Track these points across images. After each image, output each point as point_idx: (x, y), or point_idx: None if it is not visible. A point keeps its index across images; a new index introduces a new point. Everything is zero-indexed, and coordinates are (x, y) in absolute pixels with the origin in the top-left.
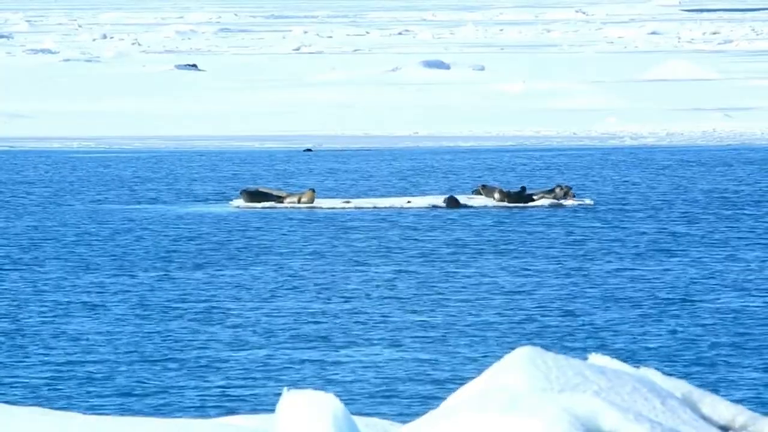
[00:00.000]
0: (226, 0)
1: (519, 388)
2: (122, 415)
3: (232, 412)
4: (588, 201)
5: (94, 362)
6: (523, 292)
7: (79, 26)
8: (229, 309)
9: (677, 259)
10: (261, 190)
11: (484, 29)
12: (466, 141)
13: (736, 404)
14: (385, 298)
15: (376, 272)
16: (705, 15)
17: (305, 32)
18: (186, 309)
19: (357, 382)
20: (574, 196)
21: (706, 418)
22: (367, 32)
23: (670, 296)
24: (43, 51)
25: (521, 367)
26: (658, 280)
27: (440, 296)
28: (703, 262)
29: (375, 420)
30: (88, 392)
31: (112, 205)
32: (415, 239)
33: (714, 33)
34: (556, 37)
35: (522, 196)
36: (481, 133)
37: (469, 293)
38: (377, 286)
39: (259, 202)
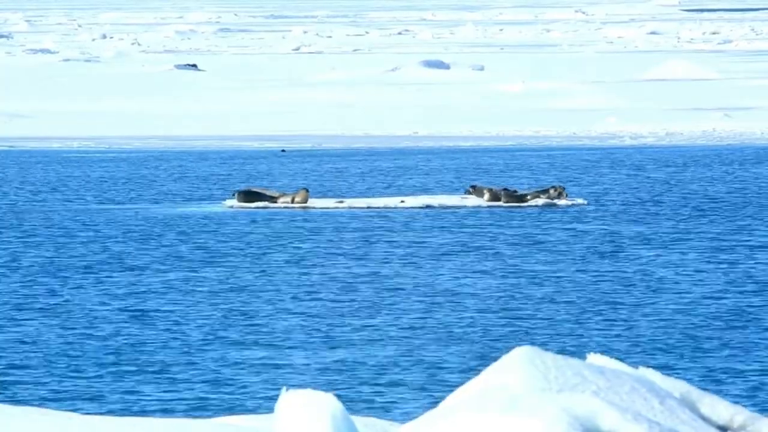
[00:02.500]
0: (226, 0)
1: (518, 388)
2: (122, 415)
3: (231, 412)
4: (581, 201)
5: (93, 362)
6: (522, 291)
7: (79, 26)
8: (227, 309)
9: (673, 258)
10: (254, 190)
11: (484, 29)
12: (466, 141)
13: (735, 404)
14: (384, 297)
15: (374, 272)
16: (705, 15)
17: (305, 32)
18: (184, 309)
19: (356, 382)
20: (566, 196)
21: (704, 418)
22: (367, 32)
23: (668, 296)
24: (42, 51)
25: (520, 367)
26: (655, 280)
27: (439, 296)
28: (698, 262)
29: (374, 420)
30: (87, 392)
31: (102, 206)
32: (412, 239)
33: (714, 33)
34: (556, 37)
35: (513, 196)
36: (481, 133)
37: (468, 293)
38: (375, 285)
39: (253, 202)
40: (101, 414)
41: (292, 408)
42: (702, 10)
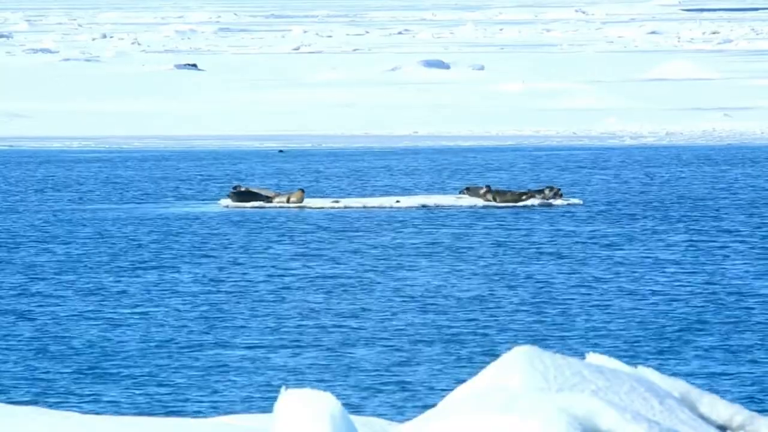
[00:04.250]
0: (226, 0)
1: (516, 387)
2: (121, 414)
3: (231, 412)
4: (577, 201)
5: (92, 362)
6: (520, 291)
7: (79, 26)
8: (226, 309)
9: (668, 258)
10: (250, 189)
11: (484, 29)
12: (466, 141)
13: (734, 404)
14: (383, 297)
15: (373, 272)
16: (705, 15)
17: (305, 32)
18: (183, 309)
19: (355, 382)
20: (561, 196)
21: (704, 418)
22: (367, 32)
23: (664, 295)
24: (42, 51)
25: (519, 367)
26: (650, 280)
27: (437, 296)
28: (691, 262)
29: (373, 419)
30: (86, 392)
31: (99, 205)
32: (408, 239)
33: (714, 33)
34: (556, 36)
35: (508, 196)
36: (481, 133)
37: (466, 293)
38: (374, 285)
39: (248, 201)
40: (100, 414)
41: (291, 408)
42: (702, 10)
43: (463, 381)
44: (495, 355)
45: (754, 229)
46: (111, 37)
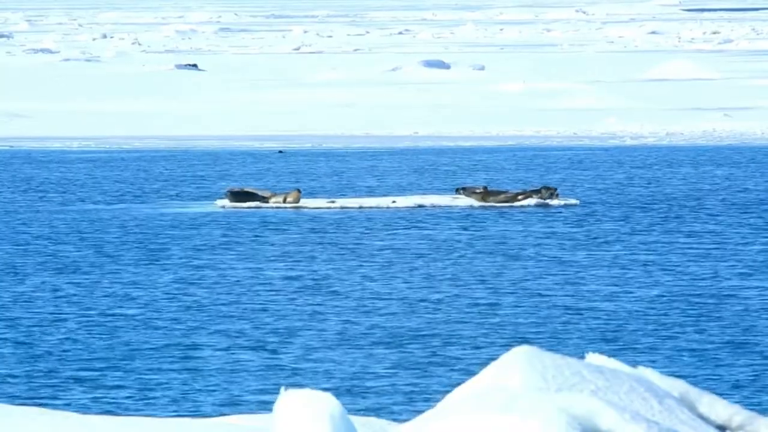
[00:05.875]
0: (227, 0)
1: (516, 387)
2: (121, 414)
3: (231, 412)
4: (573, 201)
5: (91, 362)
6: (520, 291)
7: (80, 26)
8: (225, 309)
9: (666, 258)
10: (246, 190)
11: (484, 29)
12: (467, 141)
13: (734, 404)
14: (382, 297)
15: (372, 272)
16: (705, 15)
17: (305, 32)
18: (182, 309)
19: (354, 382)
20: (558, 196)
21: (703, 418)
22: (367, 32)
23: (663, 295)
24: (43, 51)
25: (518, 367)
26: (650, 280)
27: (436, 296)
28: (690, 261)
29: (372, 419)
30: (85, 392)
31: (96, 206)
32: (405, 239)
33: (714, 33)
34: (556, 36)
35: (505, 196)
36: (481, 133)
37: (465, 293)
38: (373, 285)
39: (244, 202)
40: (99, 414)
41: (291, 408)
42: (702, 10)
43: (462, 381)
44: (494, 356)
45: (754, 229)
46: (111, 37)
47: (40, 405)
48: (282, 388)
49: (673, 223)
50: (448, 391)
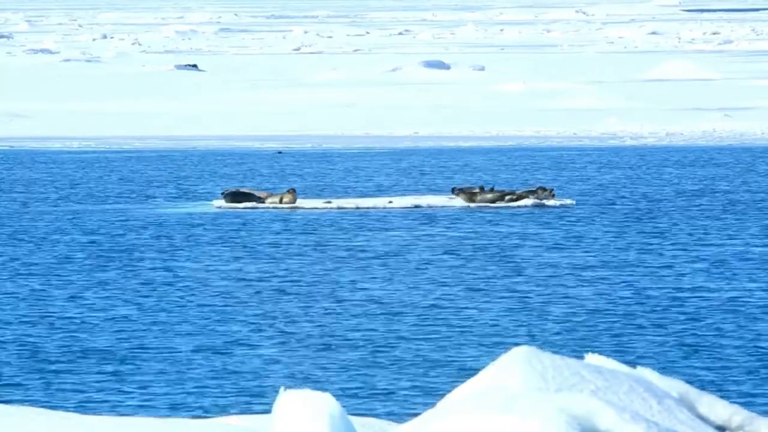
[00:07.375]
0: (226, 0)
1: (515, 388)
2: (120, 415)
3: (230, 412)
4: (569, 201)
5: (90, 362)
6: (517, 291)
7: (80, 26)
8: (225, 309)
9: (665, 258)
10: (242, 190)
11: (484, 29)
12: (467, 141)
13: (733, 404)
14: (382, 298)
15: (371, 272)
16: (705, 15)
17: (305, 32)
18: (180, 309)
19: (354, 382)
20: (554, 197)
21: (702, 418)
22: (367, 32)
23: (660, 295)
24: (43, 51)
25: (518, 367)
26: (648, 280)
27: (436, 296)
28: (689, 261)
29: (371, 420)
30: (85, 392)
31: (90, 206)
32: (404, 239)
33: (714, 33)
34: (556, 37)
35: (501, 196)
36: (481, 133)
37: (464, 293)
38: (372, 285)
39: (240, 202)
40: (99, 414)
41: (290, 408)
42: (702, 10)
43: (462, 381)
44: (494, 356)
45: (758, 229)
46: (111, 37)
47: (39, 405)
48: (281, 389)
49: (672, 223)
50: (447, 392)
